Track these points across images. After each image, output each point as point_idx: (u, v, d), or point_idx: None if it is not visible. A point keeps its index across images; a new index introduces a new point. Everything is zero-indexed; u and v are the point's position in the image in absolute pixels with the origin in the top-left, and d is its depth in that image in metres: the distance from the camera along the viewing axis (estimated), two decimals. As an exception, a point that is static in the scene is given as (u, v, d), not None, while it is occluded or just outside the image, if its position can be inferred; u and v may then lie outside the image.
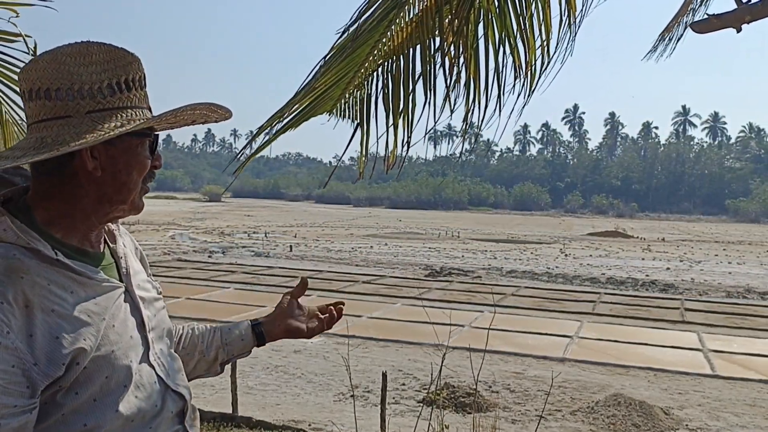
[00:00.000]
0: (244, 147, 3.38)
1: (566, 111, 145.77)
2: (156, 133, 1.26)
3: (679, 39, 5.56)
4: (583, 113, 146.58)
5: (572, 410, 8.16)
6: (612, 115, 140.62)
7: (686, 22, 4.57)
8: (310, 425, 7.03)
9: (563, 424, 7.75)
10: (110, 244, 1.30)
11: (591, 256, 31.24)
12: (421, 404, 7.85)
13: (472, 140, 4.42)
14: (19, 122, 2.80)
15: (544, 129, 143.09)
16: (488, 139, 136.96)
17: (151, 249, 26.37)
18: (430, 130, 3.43)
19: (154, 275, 1.44)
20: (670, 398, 8.84)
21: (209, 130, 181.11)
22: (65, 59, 1.13)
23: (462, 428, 5.91)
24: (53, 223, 1.16)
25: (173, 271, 19.57)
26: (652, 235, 51.37)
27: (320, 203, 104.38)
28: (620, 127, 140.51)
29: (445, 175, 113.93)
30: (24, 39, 2.41)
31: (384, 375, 5.78)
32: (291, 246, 30.28)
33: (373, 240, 36.62)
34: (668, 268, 26.41)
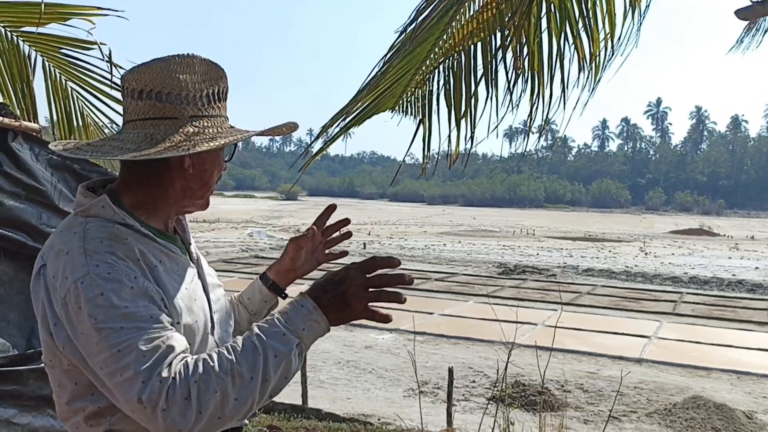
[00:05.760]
0: (309, 145, 3.47)
1: (649, 104, 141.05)
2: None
3: (767, 31, 5.29)
4: (668, 108, 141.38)
5: (648, 412, 7.94)
6: (698, 108, 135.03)
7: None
8: (379, 419, 7.12)
9: (638, 426, 7.55)
10: (180, 233, 1.44)
11: (673, 254, 30.14)
12: (491, 402, 7.82)
13: (540, 134, 4.40)
14: (99, 124, 3.00)
15: (624, 124, 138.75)
16: (565, 136, 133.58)
17: (230, 246, 27.23)
18: (495, 126, 3.44)
19: (232, 271, 1.58)
20: (754, 402, 8.47)
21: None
22: (175, 68, 1.28)
23: (531, 427, 5.85)
24: (139, 207, 1.31)
25: (250, 267, 20.12)
26: (741, 233, 49.01)
27: (394, 201, 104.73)
28: (706, 121, 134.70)
29: (521, 172, 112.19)
30: (99, 47, 2.60)
31: (450, 370, 5.80)
32: (364, 243, 30.57)
33: (446, 238, 36.53)
34: (757, 268, 25.18)
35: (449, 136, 3.57)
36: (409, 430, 5.49)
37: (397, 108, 3.75)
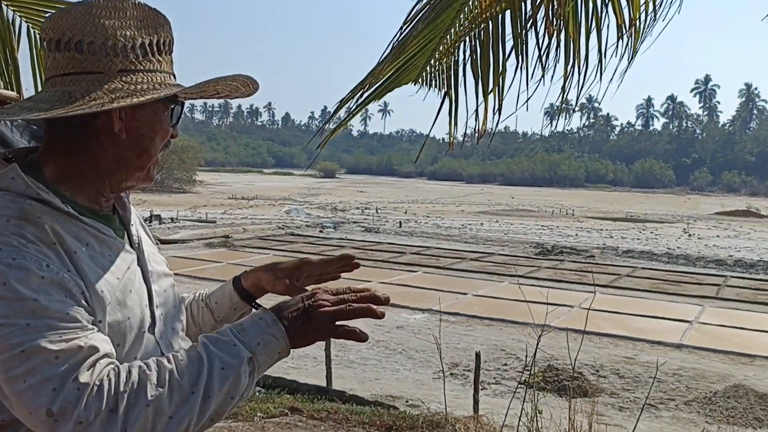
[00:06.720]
0: (326, 121, 3.30)
1: (696, 82, 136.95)
2: (182, 102, 1.19)
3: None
4: (716, 85, 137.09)
5: (687, 400, 7.66)
6: (748, 86, 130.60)
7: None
8: (407, 401, 7.00)
9: (676, 414, 7.28)
10: (120, 211, 1.22)
11: (718, 236, 29.30)
12: (523, 386, 7.63)
13: (575, 110, 4.15)
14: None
15: (669, 102, 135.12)
16: (607, 114, 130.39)
17: (267, 223, 27.36)
18: (526, 100, 3.22)
19: (267, 248, 1.35)
20: (801, 392, 8.10)
21: (325, 107, 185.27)
22: (100, 12, 1.08)
23: (562, 413, 5.65)
24: (63, 181, 1.11)
25: (285, 245, 20.17)
26: (790, 215, 47.45)
27: (432, 180, 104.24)
28: (756, 99, 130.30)
29: (561, 151, 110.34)
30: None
31: (477, 355, 5.62)
32: (401, 222, 30.45)
33: (483, 217, 36.16)
34: (807, 251, 24.32)
35: (476, 110, 3.37)
36: (433, 415, 5.35)
37: (420, 80, 3.55)
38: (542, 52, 3.12)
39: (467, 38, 3.35)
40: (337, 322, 1.07)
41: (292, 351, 1.08)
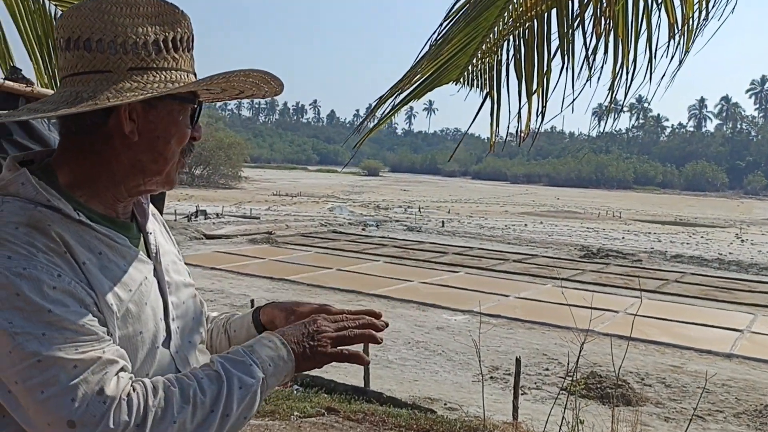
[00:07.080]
0: (363, 120, 3.25)
1: (752, 83, 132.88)
2: (200, 101, 1.13)
3: None
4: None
5: (736, 412, 7.40)
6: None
7: None
8: (445, 404, 6.92)
9: (724, 427, 7.04)
10: (139, 218, 1.17)
11: (772, 242, 28.33)
12: (564, 392, 7.48)
13: (623, 110, 4.03)
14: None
15: (723, 103, 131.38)
16: (658, 114, 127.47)
17: (310, 220, 27.53)
18: (571, 102, 3.12)
19: (309, 245, 1.30)
20: None
21: (370, 105, 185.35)
22: (110, 8, 1.03)
23: (604, 421, 5.50)
24: (77, 186, 1.07)
25: (327, 242, 20.25)
26: None
27: (477, 179, 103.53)
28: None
29: (609, 152, 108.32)
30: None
31: (518, 360, 5.51)
32: (443, 221, 30.29)
33: (528, 218, 35.74)
34: None
35: (519, 111, 3.28)
36: (471, 420, 5.26)
37: (462, 80, 3.48)
38: (590, 52, 3.02)
39: (511, 37, 3.27)
40: (340, 347, 1.10)
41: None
